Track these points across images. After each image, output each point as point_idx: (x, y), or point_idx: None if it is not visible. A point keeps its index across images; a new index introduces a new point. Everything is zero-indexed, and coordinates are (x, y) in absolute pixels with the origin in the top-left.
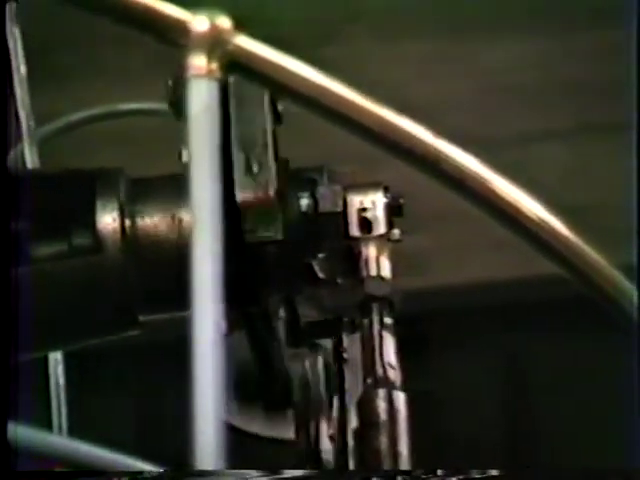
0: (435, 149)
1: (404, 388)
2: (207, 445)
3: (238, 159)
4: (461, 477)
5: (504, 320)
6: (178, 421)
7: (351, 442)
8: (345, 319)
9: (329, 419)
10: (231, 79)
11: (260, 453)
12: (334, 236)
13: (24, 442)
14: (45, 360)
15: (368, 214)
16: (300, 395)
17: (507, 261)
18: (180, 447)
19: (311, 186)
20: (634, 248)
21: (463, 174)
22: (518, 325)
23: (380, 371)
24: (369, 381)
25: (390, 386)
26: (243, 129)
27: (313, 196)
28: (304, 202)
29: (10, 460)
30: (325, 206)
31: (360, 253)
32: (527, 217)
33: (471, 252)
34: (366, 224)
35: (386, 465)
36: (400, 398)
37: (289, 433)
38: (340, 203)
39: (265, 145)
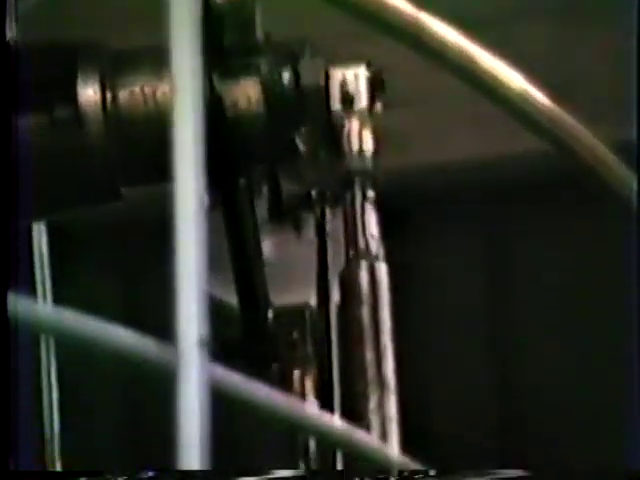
0: (416, 21)
1: (386, 261)
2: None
3: None
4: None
5: (485, 197)
6: (161, 300)
7: (334, 316)
8: (328, 193)
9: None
10: None
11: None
12: (316, 110)
13: (23, 315)
14: (29, 233)
15: (350, 88)
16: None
17: (488, 140)
18: (164, 322)
19: (293, 60)
20: (624, 125)
21: (444, 46)
22: (498, 202)
23: (362, 243)
24: (351, 254)
25: (372, 258)
26: None
27: (295, 70)
28: (286, 76)
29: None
30: (307, 80)
31: (342, 127)
32: (509, 88)
33: (453, 131)
34: (348, 98)
35: (367, 337)
36: (382, 270)
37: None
38: (322, 77)
39: None
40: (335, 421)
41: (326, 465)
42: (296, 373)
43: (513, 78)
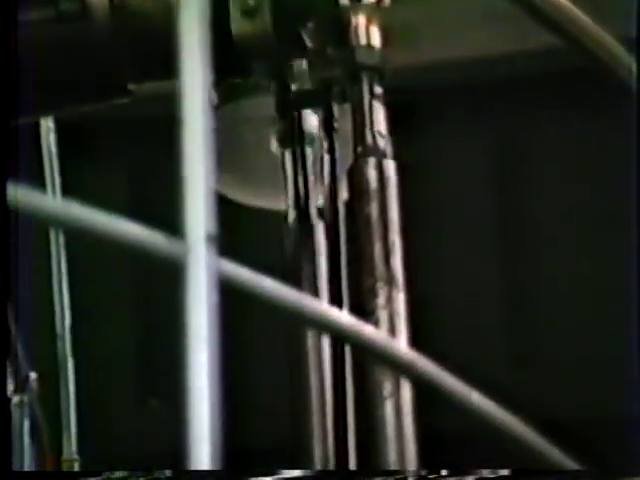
0: None
1: (394, 158)
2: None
3: None
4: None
5: (492, 95)
6: (170, 197)
7: (342, 213)
8: (335, 89)
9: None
10: None
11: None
12: (323, 4)
13: (24, 205)
14: (37, 129)
15: None
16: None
17: (497, 36)
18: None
19: None
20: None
21: None
22: (507, 100)
23: (370, 140)
24: (359, 150)
25: (380, 154)
26: None
27: None
28: None
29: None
30: None
31: (350, 21)
32: None
33: (461, 26)
34: None
35: (376, 234)
36: (390, 166)
37: (278, 204)
38: None
39: None
40: (344, 316)
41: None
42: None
43: None
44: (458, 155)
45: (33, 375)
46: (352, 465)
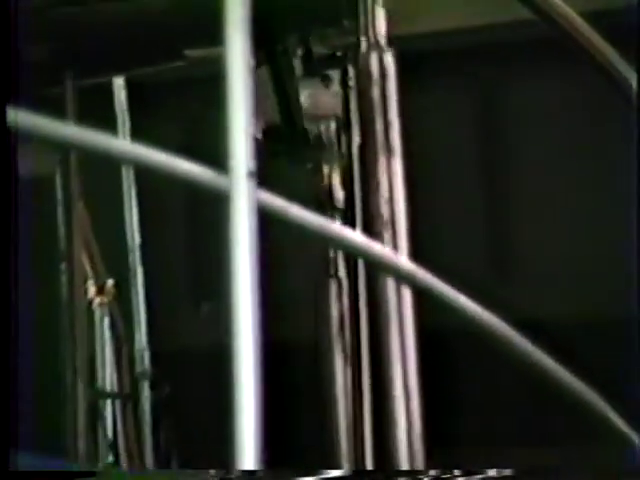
0: None
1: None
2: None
3: None
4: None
5: (476, 61)
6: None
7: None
8: (349, 54)
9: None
10: None
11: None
12: None
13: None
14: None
15: None
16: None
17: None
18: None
19: None
20: None
21: None
22: (489, 67)
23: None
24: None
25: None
26: None
27: None
28: None
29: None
30: None
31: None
32: None
33: (450, 5)
34: None
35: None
36: (389, 58)
37: None
38: None
39: None
40: (357, 235)
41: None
42: (325, 169)
43: None
44: (446, 119)
45: (110, 281)
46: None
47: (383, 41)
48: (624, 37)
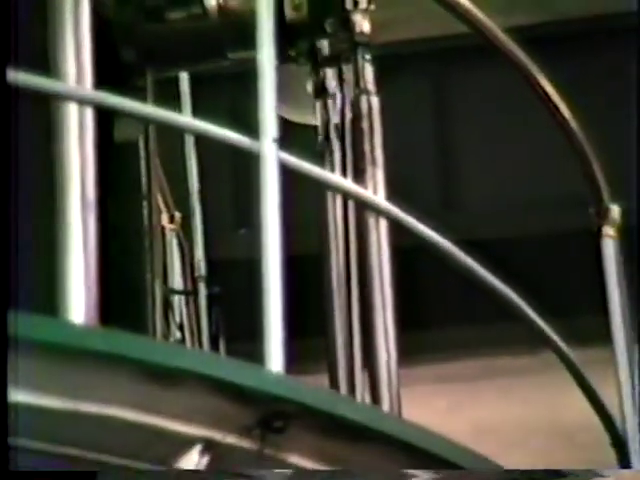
0: None
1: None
2: None
3: None
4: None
5: (432, 60)
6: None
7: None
8: (343, 56)
9: None
10: None
11: None
12: (337, 11)
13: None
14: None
15: None
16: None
17: (438, 25)
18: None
19: None
20: None
21: None
22: (442, 63)
23: (362, 85)
24: (357, 91)
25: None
26: None
27: None
28: None
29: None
30: None
31: (351, 18)
32: None
33: (414, 22)
34: (356, 1)
35: None
36: (375, 100)
37: (310, 120)
38: None
39: None
40: (348, 182)
41: None
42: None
43: None
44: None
45: (178, 214)
46: None
47: (371, 87)
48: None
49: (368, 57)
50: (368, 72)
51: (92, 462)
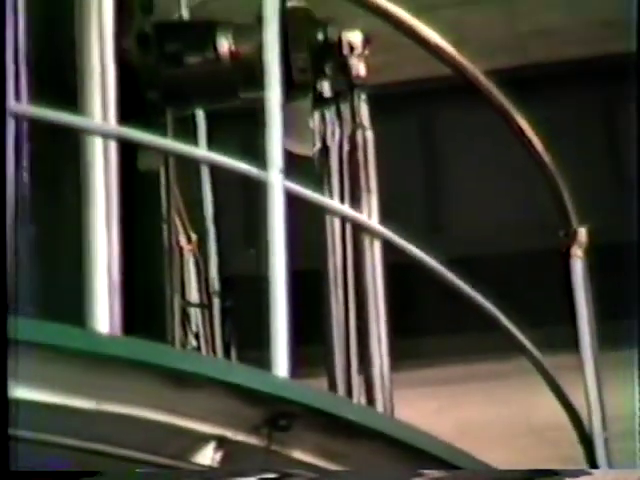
0: None
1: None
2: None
3: None
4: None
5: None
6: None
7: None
8: (341, 97)
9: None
10: None
11: None
12: (336, 53)
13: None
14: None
15: (353, 42)
16: None
17: (426, 66)
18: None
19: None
20: None
21: None
22: (429, 98)
23: (358, 120)
24: (354, 125)
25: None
26: None
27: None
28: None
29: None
30: (332, 39)
31: (349, 63)
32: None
33: (402, 66)
34: (352, 47)
35: None
36: (369, 135)
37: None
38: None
39: None
40: (346, 208)
41: None
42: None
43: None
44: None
45: (194, 236)
46: None
47: (366, 123)
48: None
49: (364, 97)
50: (364, 109)
51: (117, 456)
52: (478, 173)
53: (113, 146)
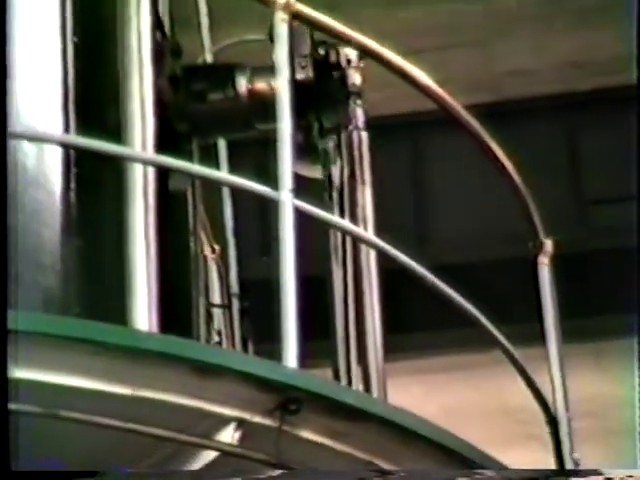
0: None
1: None
2: None
3: None
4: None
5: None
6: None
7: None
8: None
9: None
10: None
11: None
12: (341, 87)
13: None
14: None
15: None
16: None
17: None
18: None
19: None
20: None
21: None
22: (418, 130)
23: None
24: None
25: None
26: None
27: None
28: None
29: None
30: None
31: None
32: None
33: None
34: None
35: None
36: (364, 136)
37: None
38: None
39: None
40: (346, 222)
41: None
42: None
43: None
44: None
45: (217, 246)
46: None
47: (360, 124)
48: None
49: (359, 103)
50: (359, 113)
51: (153, 435)
52: (460, 191)
53: (150, 170)
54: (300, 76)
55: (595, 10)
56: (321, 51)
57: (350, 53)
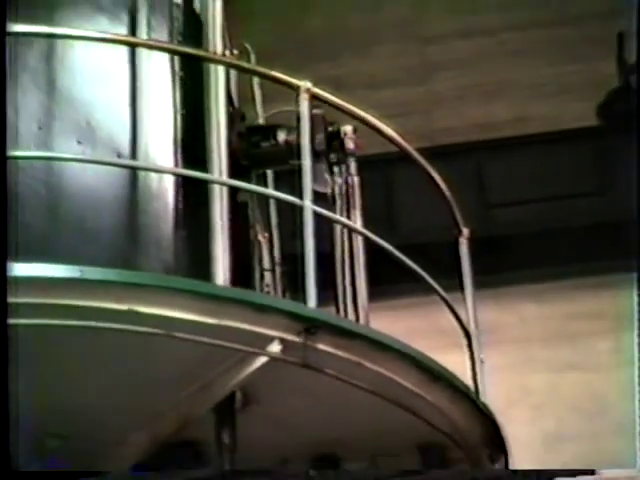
0: None
1: None
2: None
3: None
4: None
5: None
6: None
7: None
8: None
9: None
10: None
11: None
12: (339, 143)
13: None
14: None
15: (347, 135)
16: None
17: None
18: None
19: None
20: None
21: None
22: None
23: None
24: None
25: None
26: None
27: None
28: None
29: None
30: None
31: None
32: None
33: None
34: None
35: None
36: (356, 180)
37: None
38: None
39: None
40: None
41: None
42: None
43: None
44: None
45: (266, 234)
46: None
47: (353, 172)
48: None
49: (352, 160)
50: (352, 166)
51: (229, 348)
52: (418, 199)
53: (225, 189)
54: (318, 143)
55: None
56: (330, 128)
57: (347, 129)
